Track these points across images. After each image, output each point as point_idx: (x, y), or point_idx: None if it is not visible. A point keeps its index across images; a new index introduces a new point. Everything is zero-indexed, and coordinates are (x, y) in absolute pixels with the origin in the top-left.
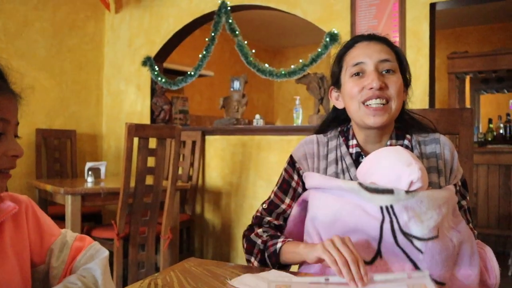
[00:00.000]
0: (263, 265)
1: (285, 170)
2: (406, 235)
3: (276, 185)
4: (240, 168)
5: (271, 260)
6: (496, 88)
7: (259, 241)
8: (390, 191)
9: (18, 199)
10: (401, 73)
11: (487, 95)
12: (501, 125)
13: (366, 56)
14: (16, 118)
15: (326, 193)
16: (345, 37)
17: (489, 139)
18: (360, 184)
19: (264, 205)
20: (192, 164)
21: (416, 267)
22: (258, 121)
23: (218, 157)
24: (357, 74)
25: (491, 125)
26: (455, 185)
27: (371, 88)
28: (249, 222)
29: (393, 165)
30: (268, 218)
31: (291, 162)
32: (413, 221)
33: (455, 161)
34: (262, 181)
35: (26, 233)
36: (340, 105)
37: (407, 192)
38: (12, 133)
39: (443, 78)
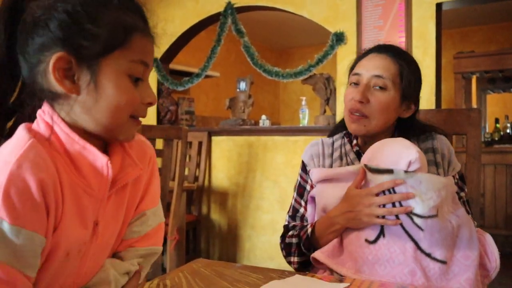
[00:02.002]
0: (302, 258)
1: (300, 175)
2: (407, 212)
3: (294, 191)
4: (247, 168)
5: (307, 248)
6: (503, 88)
7: (293, 240)
8: (390, 171)
9: (144, 150)
10: (400, 90)
11: (493, 94)
12: (508, 125)
13: (364, 69)
14: (152, 63)
15: (332, 183)
16: (351, 37)
17: (496, 139)
18: (365, 165)
19: (289, 212)
20: (198, 165)
21: (417, 246)
22: (264, 121)
23: (225, 158)
24: (355, 84)
25: (497, 125)
26: (453, 177)
27: (355, 100)
28: (256, 223)
29: (393, 149)
30: (293, 223)
31: (303, 166)
32: (413, 199)
33: (452, 155)
34: (269, 182)
35: (140, 192)
36: None
37: (406, 172)
38: (148, 79)
39: (449, 78)
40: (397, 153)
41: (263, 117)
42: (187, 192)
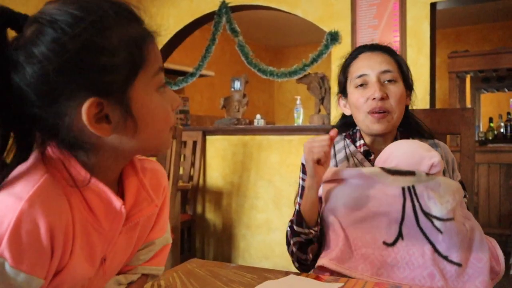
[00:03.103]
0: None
1: (301, 178)
2: (427, 215)
3: (297, 195)
4: (241, 168)
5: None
6: (497, 87)
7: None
8: (412, 173)
9: (159, 181)
10: (403, 80)
11: (487, 94)
12: (502, 124)
13: (369, 68)
14: None
15: (342, 184)
16: (346, 36)
17: (490, 138)
18: (382, 168)
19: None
20: (193, 164)
21: (435, 249)
22: (259, 121)
23: (219, 157)
24: (361, 85)
25: (491, 124)
26: None
27: (374, 99)
28: (250, 222)
29: (414, 150)
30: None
31: (303, 169)
32: (433, 202)
33: (455, 163)
34: (263, 181)
35: (152, 224)
36: (348, 112)
37: (428, 174)
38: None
39: (443, 77)
40: (419, 155)
41: (258, 116)
42: (181, 192)
